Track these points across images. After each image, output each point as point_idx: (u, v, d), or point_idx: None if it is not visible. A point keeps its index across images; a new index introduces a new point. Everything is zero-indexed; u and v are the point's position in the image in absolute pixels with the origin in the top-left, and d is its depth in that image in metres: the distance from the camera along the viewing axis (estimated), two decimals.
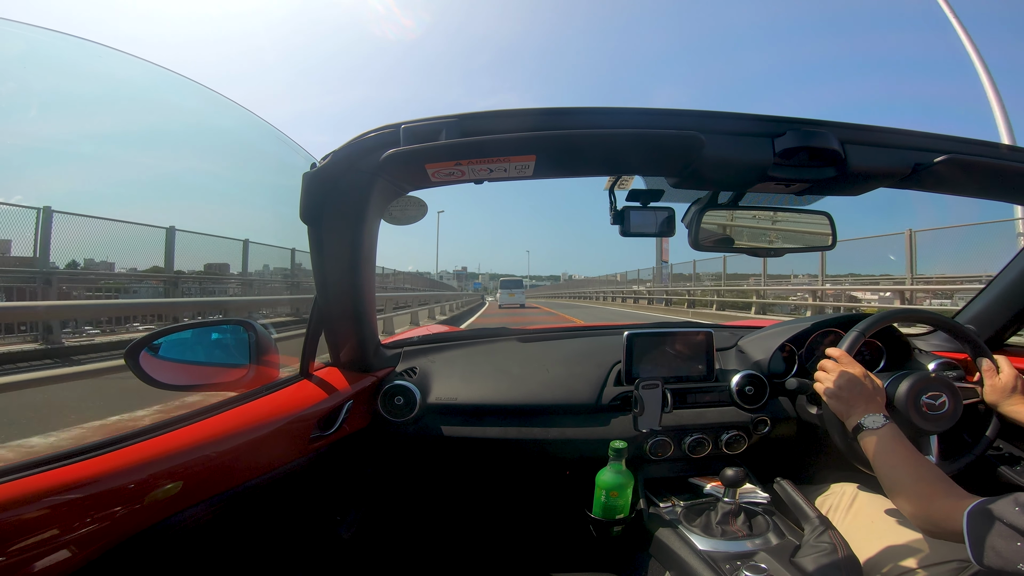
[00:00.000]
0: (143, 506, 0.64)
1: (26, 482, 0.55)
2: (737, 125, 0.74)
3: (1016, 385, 0.95)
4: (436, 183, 0.80)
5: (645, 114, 0.71)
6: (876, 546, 0.88)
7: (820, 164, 0.76)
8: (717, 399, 1.20)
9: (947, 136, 0.78)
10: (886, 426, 0.81)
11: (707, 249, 0.94)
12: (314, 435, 0.95)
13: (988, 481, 1.11)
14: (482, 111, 0.69)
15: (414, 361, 1.26)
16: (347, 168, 0.75)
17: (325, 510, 1.08)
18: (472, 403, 1.17)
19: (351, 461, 1.14)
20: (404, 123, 0.69)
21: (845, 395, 0.88)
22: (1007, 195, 0.95)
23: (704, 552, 0.88)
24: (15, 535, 0.53)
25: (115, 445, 0.65)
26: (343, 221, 0.85)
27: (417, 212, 0.98)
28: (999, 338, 1.25)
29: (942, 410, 0.94)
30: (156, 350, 0.81)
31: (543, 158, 0.72)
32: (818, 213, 0.97)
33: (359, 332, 1.07)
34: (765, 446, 1.20)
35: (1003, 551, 0.58)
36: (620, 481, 0.98)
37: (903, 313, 1.13)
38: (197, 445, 0.73)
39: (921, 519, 0.72)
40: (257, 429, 0.83)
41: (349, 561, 1.10)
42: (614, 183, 0.91)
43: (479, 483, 1.38)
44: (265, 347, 0.95)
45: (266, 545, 0.92)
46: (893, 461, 0.78)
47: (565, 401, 1.17)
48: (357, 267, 0.93)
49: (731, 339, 1.39)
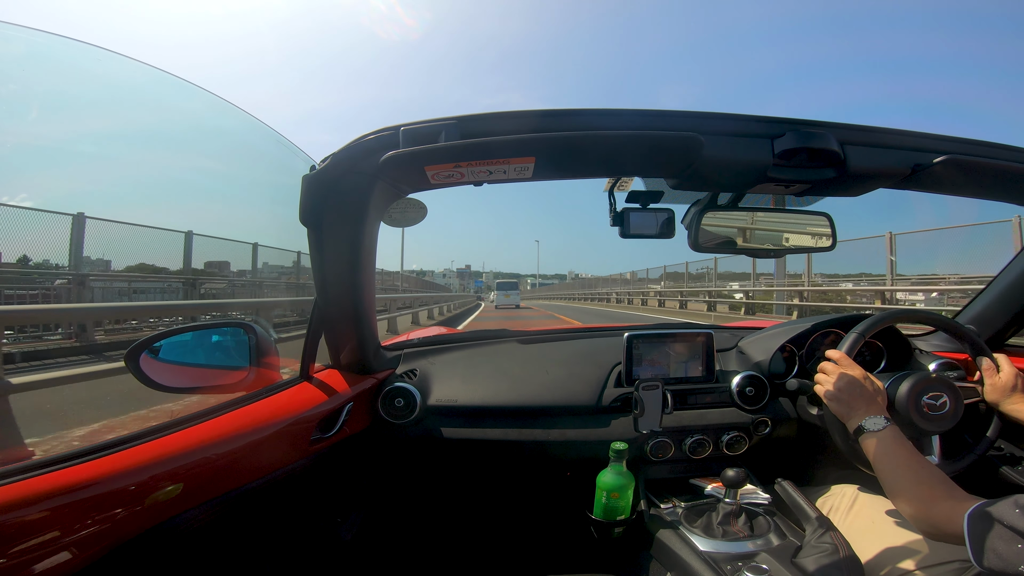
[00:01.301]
0: (144, 508, 0.64)
1: (27, 484, 0.55)
2: (736, 126, 0.74)
3: (1016, 384, 0.95)
4: (436, 185, 0.80)
5: (644, 115, 0.71)
6: (877, 547, 0.88)
7: (819, 165, 0.76)
8: (718, 400, 1.20)
9: (946, 136, 0.78)
10: (887, 428, 0.81)
11: (707, 250, 0.94)
12: (314, 437, 0.95)
13: (989, 481, 1.11)
14: (481, 113, 0.70)
15: (414, 363, 1.26)
16: (347, 170, 0.76)
17: (326, 512, 1.08)
18: (472, 405, 1.16)
19: (351, 463, 1.14)
20: (403, 125, 0.69)
21: (845, 398, 0.88)
22: (1006, 195, 0.95)
23: (705, 553, 0.88)
24: (16, 537, 0.53)
25: (116, 447, 0.65)
26: (343, 223, 0.85)
27: (417, 214, 0.98)
28: (1000, 338, 1.25)
29: (943, 410, 0.94)
30: (156, 352, 0.81)
31: (542, 160, 0.72)
32: (818, 214, 0.97)
33: (359, 334, 1.07)
34: (766, 447, 1.20)
35: (1004, 553, 0.58)
36: (621, 482, 0.98)
37: (903, 314, 1.13)
38: (198, 447, 0.73)
39: (922, 522, 0.72)
40: (258, 431, 0.83)
41: (350, 563, 1.10)
42: (614, 184, 0.91)
43: (480, 485, 1.38)
44: (265, 349, 0.95)
45: (267, 547, 0.92)
46: (894, 464, 0.77)
47: (565, 403, 1.17)
48: (357, 269, 0.93)
49: (731, 340, 1.39)
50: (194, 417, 0.78)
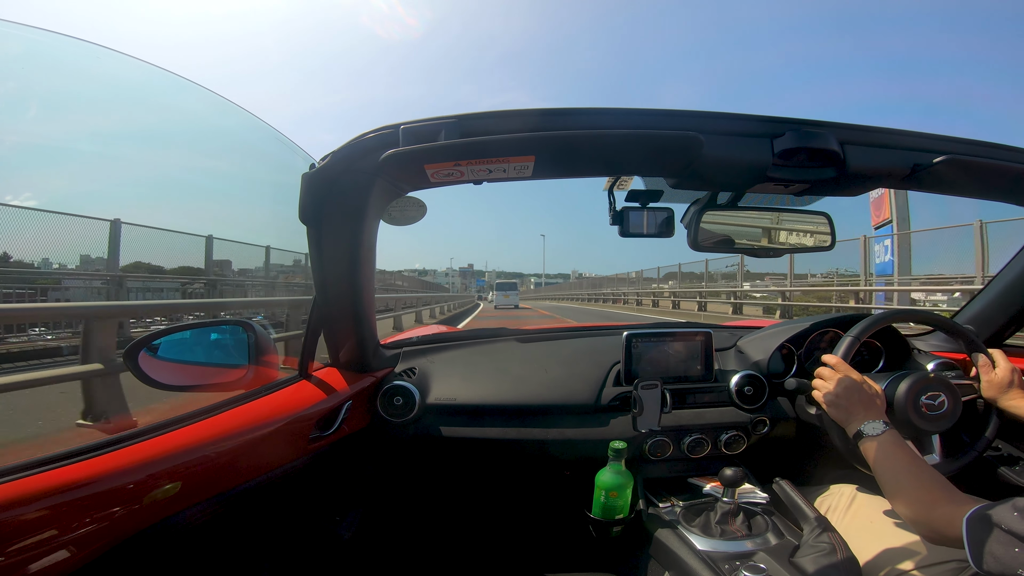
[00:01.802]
0: (142, 506, 0.64)
1: (25, 482, 0.55)
2: (736, 126, 0.74)
3: (1013, 379, 0.95)
4: (435, 184, 0.80)
5: (644, 115, 0.71)
6: (875, 547, 0.88)
7: (819, 165, 0.76)
8: (716, 399, 1.20)
9: (946, 136, 0.78)
10: (886, 432, 0.81)
11: (706, 250, 0.94)
12: (313, 435, 0.95)
13: (988, 481, 1.11)
14: (481, 112, 0.69)
15: (413, 361, 1.26)
16: (346, 169, 0.75)
17: (324, 510, 1.08)
18: (471, 403, 1.16)
19: (350, 461, 1.14)
20: (403, 124, 0.69)
21: (844, 403, 0.88)
22: (1006, 195, 0.95)
23: (703, 552, 0.88)
24: (14, 535, 0.53)
25: (114, 445, 0.65)
26: (342, 222, 0.85)
27: (416, 213, 0.98)
28: (998, 338, 1.25)
29: (941, 410, 0.94)
30: (155, 350, 0.81)
31: (542, 159, 0.72)
32: (817, 214, 0.97)
33: (358, 332, 1.07)
34: (764, 446, 1.20)
35: (1002, 557, 0.58)
36: (619, 481, 0.98)
37: (900, 314, 1.13)
38: (196, 445, 0.73)
39: (921, 525, 0.72)
40: (256, 429, 0.83)
41: (349, 561, 1.10)
42: (613, 183, 0.91)
43: (479, 483, 1.38)
44: (264, 347, 0.95)
45: (265, 546, 0.92)
46: (894, 467, 0.77)
47: (564, 401, 1.17)
48: (356, 268, 0.93)
49: (730, 339, 1.39)
50: (192, 415, 0.78)
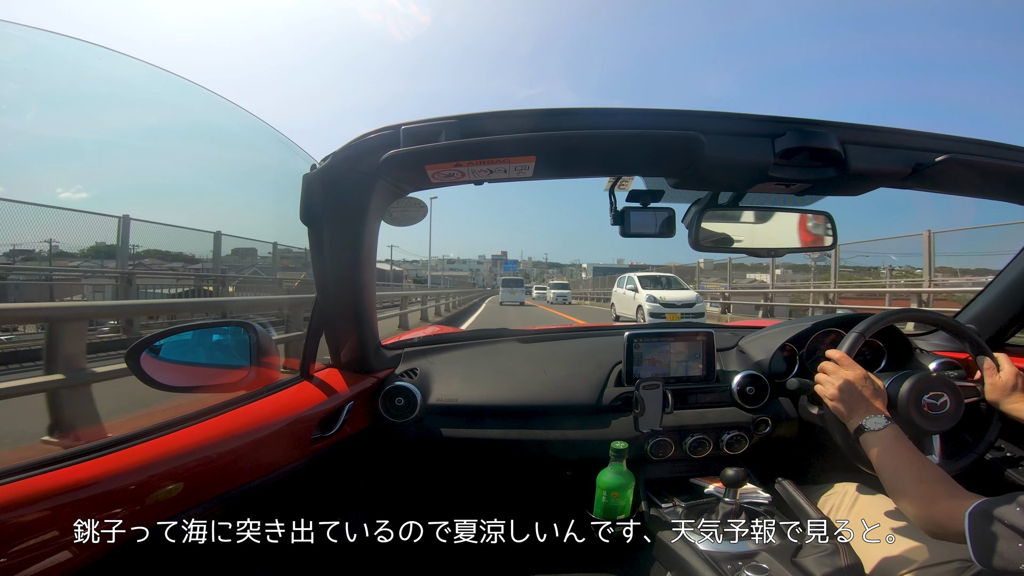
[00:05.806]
0: (144, 507, 0.64)
1: (27, 483, 0.55)
2: (737, 125, 0.74)
3: (1017, 383, 0.95)
4: (436, 184, 0.80)
5: (645, 115, 0.71)
6: (877, 546, 0.88)
7: (820, 164, 0.76)
8: (718, 399, 1.20)
9: (947, 136, 0.78)
10: (888, 428, 0.81)
11: (707, 250, 0.94)
12: (315, 436, 0.95)
13: (990, 481, 1.11)
14: (481, 112, 0.70)
15: (414, 362, 1.26)
16: (347, 169, 0.76)
17: (326, 512, 1.08)
18: (473, 404, 1.16)
19: (352, 462, 1.14)
20: (404, 124, 0.69)
21: (846, 398, 0.88)
22: (1007, 195, 0.95)
23: (705, 552, 0.88)
24: (16, 536, 0.53)
25: (116, 446, 0.65)
26: (343, 222, 0.85)
27: (417, 213, 0.98)
28: (1000, 338, 1.25)
29: (944, 410, 0.94)
30: (157, 351, 0.81)
31: (543, 159, 0.72)
32: (819, 213, 0.97)
33: (359, 333, 1.07)
34: (766, 446, 1.20)
35: (1005, 552, 0.58)
36: (621, 482, 0.98)
37: (903, 313, 1.13)
38: (198, 446, 0.73)
39: (924, 520, 0.72)
40: (258, 430, 0.83)
41: (350, 563, 1.10)
42: (614, 184, 0.91)
43: (480, 484, 1.38)
44: (266, 348, 0.95)
45: (267, 547, 0.92)
46: (895, 463, 0.77)
47: (566, 402, 1.17)
48: (357, 268, 0.93)
49: (732, 339, 1.38)
50: (194, 416, 0.78)
